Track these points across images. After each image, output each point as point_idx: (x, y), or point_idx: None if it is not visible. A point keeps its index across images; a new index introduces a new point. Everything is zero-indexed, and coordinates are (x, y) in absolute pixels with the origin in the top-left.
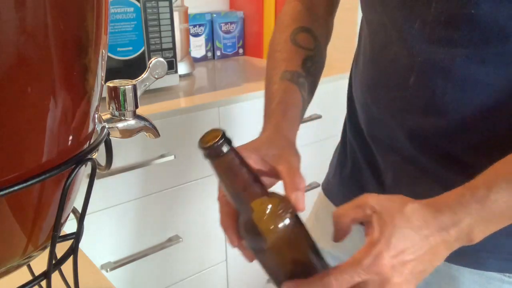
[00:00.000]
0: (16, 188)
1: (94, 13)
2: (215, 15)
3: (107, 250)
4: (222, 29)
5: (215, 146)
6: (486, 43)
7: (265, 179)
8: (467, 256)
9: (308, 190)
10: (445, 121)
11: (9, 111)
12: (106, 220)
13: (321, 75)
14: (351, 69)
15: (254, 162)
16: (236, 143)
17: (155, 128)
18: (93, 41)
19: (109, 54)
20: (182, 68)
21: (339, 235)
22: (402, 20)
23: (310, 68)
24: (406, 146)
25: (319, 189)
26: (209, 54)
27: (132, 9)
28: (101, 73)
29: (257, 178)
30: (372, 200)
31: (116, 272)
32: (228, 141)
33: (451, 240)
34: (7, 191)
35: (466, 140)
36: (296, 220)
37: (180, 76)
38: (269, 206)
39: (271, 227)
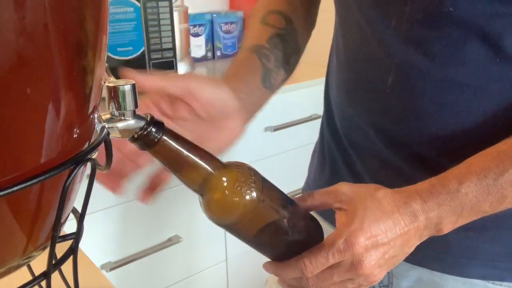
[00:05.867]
0: (15, 188)
1: (94, 13)
2: (215, 15)
3: (107, 250)
4: (222, 29)
5: (145, 135)
6: (465, 43)
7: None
8: (448, 262)
9: None
10: (423, 124)
11: (8, 112)
12: (106, 220)
13: (296, 58)
14: (327, 68)
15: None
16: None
17: None
18: (93, 41)
19: (109, 54)
20: (182, 68)
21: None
22: (378, 19)
23: (278, 44)
24: (382, 150)
25: None
26: (209, 54)
27: (132, 9)
28: (100, 73)
29: (204, 155)
30: (344, 187)
31: (116, 272)
32: (158, 126)
33: (421, 227)
34: (7, 191)
35: (445, 143)
36: (259, 189)
37: None
38: (225, 184)
39: (230, 208)
